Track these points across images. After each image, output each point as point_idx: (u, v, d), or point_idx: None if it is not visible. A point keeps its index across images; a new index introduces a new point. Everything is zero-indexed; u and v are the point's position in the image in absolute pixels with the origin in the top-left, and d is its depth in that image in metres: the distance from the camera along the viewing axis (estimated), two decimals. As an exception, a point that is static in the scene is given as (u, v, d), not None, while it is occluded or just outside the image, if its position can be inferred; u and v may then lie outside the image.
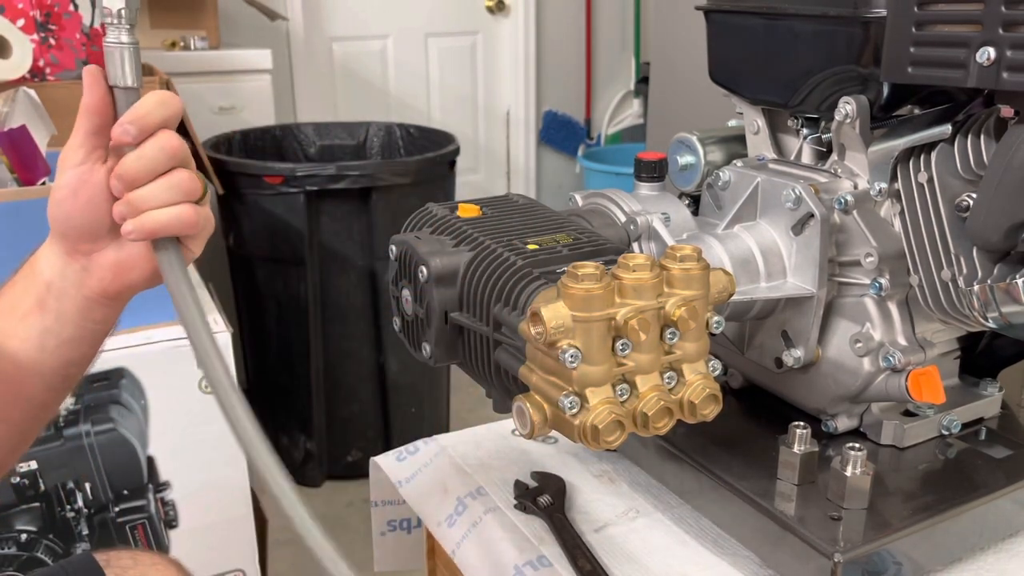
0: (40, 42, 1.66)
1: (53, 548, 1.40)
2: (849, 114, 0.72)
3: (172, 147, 0.62)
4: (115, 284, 0.66)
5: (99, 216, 0.63)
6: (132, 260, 0.65)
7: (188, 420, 1.43)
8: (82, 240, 0.64)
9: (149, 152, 0.61)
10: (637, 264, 0.57)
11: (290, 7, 2.93)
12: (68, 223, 0.63)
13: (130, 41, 0.60)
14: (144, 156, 0.61)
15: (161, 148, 0.61)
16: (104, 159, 0.63)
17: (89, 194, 0.62)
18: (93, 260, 0.65)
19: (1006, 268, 0.67)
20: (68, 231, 0.64)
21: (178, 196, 0.62)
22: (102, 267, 0.65)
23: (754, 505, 0.70)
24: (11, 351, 0.65)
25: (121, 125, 0.60)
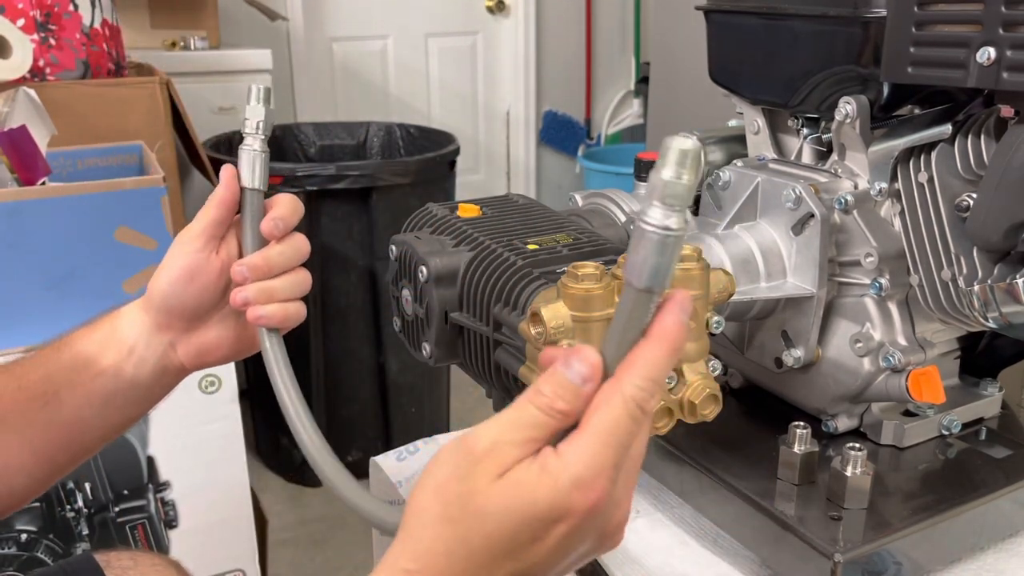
0: (40, 42, 1.66)
1: (53, 548, 1.40)
2: (849, 114, 0.72)
3: (304, 249, 0.68)
4: (195, 361, 0.69)
5: (206, 301, 0.67)
6: (217, 342, 0.69)
7: (188, 420, 1.43)
8: (182, 319, 0.68)
9: (289, 250, 0.67)
10: (637, 264, 0.57)
11: (290, 7, 2.93)
12: (176, 302, 0.67)
13: (262, 150, 0.67)
14: (284, 253, 0.67)
15: (297, 248, 0.68)
16: (217, 249, 0.67)
17: (204, 280, 0.66)
18: (182, 337, 0.68)
19: (1006, 268, 0.67)
20: (172, 309, 0.67)
21: (299, 293, 0.68)
22: (189, 345, 0.69)
23: (754, 505, 0.70)
24: (76, 404, 0.67)
25: (272, 220, 0.66)
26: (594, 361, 0.41)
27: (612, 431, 0.40)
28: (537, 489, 0.39)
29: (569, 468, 0.39)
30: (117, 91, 1.72)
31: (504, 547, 0.40)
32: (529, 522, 0.39)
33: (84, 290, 1.33)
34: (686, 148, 0.37)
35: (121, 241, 1.35)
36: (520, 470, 0.40)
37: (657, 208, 0.38)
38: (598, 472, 0.39)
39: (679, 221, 0.37)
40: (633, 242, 0.39)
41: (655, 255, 0.38)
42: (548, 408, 0.40)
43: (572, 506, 0.39)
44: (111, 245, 1.34)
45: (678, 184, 0.37)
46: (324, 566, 1.96)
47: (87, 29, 1.72)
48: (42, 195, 1.28)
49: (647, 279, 0.39)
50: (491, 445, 0.40)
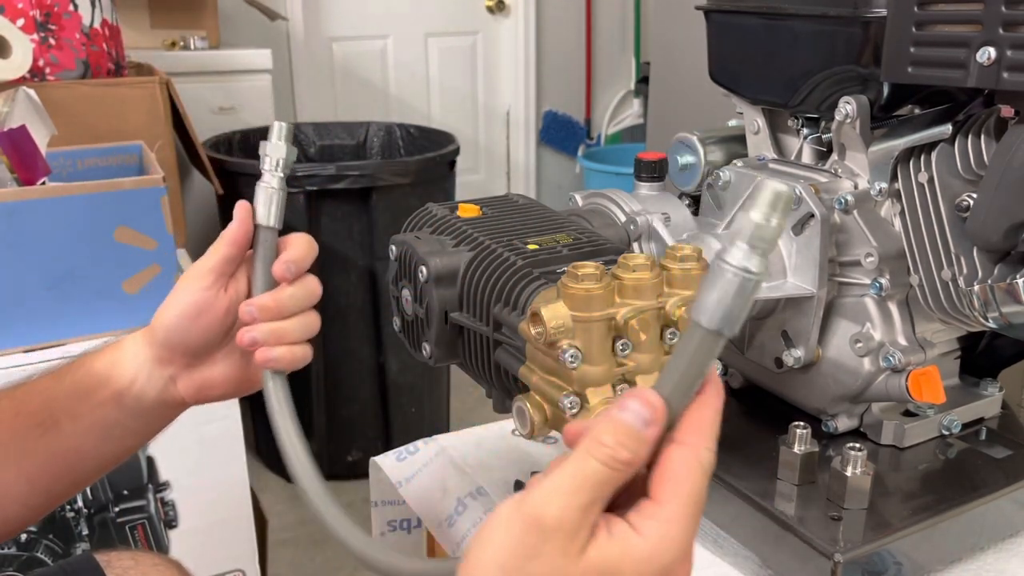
0: (40, 42, 1.66)
1: (53, 548, 1.40)
2: (849, 114, 0.72)
3: (316, 292, 0.68)
4: (196, 396, 0.69)
5: (212, 338, 0.66)
6: (219, 379, 0.69)
7: (188, 420, 1.42)
8: (185, 355, 0.67)
9: (300, 292, 0.66)
10: (637, 264, 0.57)
11: (290, 7, 2.93)
12: (181, 338, 0.66)
13: (280, 188, 0.67)
14: (296, 295, 0.66)
15: (309, 291, 0.67)
16: (227, 287, 0.66)
17: (211, 318, 0.65)
18: (183, 373, 0.68)
19: (1006, 268, 0.67)
20: (176, 345, 0.66)
21: (308, 335, 0.67)
22: (190, 381, 0.68)
23: (754, 505, 0.70)
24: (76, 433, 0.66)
25: (286, 263, 0.65)
26: (656, 402, 0.37)
27: (697, 502, 0.38)
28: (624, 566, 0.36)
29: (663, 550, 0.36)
30: (117, 91, 1.72)
31: None
32: None
33: (84, 290, 1.33)
34: (780, 191, 0.36)
35: (121, 241, 1.35)
36: (601, 550, 0.36)
37: (741, 249, 0.36)
38: (688, 548, 0.37)
39: (761, 265, 0.36)
40: (709, 280, 0.37)
41: (733, 297, 0.36)
42: (612, 460, 0.36)
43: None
44: (111, 245, 1.34)
45: (767, 228, 0.36)
46: (324, 566, 1.96)
47: (87, 29, 1.72)
48: (42, 195, 1.28)
49: (719, 321, 0.37)
50: (560, 515, 0.35)
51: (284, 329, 0.65)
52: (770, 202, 0.35)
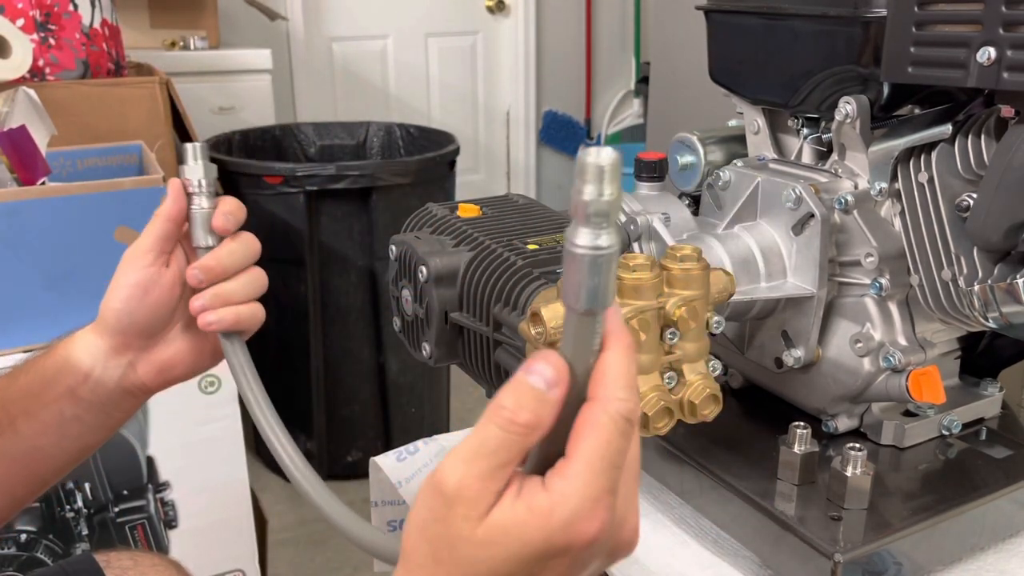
0: (40, 42, 1.66)
1: (53, 548, 1.40)
2: (849, 114, 0.72)
3: (256, 247, 0.69)
4: (157, 379, 0.68)
5: (164, 314, 0.66)
6: (179, 356, 0.68)
7: (188, 420, 1.43)
8: (139, 337, 0.67)
9: (239, 248, 0.67)
10: (637, 264, 0.57)
11: (290, 7, 2.93)
12: (130, 320, 0.65)
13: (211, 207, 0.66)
14: (235, 252, 0.66)
15: (248, 245, 0.68)
16: (167, 263, 0.66)
17: (157, 294, 0.65)
18: (142, 356, 0.67)
19: (1006, 268, 0.67)
20: (128, 328, 0.66)
21: (256, 292, 0.68)
22: (150, 363, 0.68)
23: (754, 505, 0.70)
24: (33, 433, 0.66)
25: (224, 215, 0.66)
26: (558, 363, 0.37)
27: (604, 455, 0.36)
28: (527, 531, 0.36)
29: (561, 505, 0.36)
30: (117, 91, 1.72)
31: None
32: (523, 564, 0.37)
33: (83, 290, 1.33)
34: (602, 164, 0.33)
35: (121, 241, 1.35)
36: (504, 512, 0.36)
37: (585, 230, 0.35)
38: (595, 503, 0.36)
39: (609, 238, 0.35)
40: (565, 266, 0.36)
41: (591, 277, 0.35)
42: (509, 424, 0.36)
43: (571, 542, 0.36)
44: (111, 245, 1.34)
45: (601, 202, 0.34)
46: (324, 566, 1.96)
47: (87, 29, 1.72)
48: (42, 195, 1.28)
49: (586, 302, 0.36)
50: (459, 483, 0.36)
51: (228, 289, 0.66)
52: (595, 177, 0.33)
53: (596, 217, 0.34)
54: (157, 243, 0.65)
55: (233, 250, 0.66)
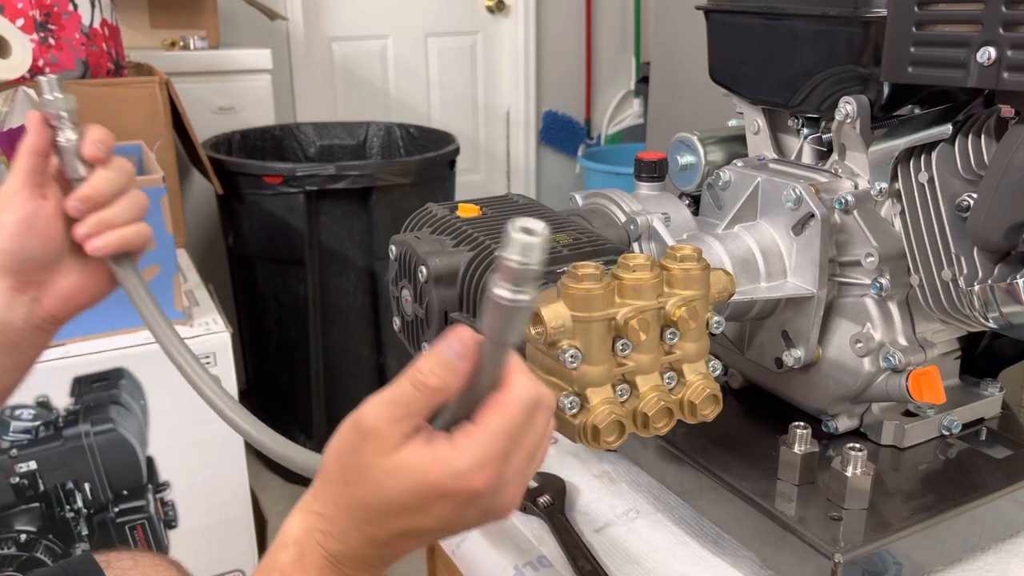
0: (40, 42, 1.66)
1: (53, 548, 1.40)
2: (849, 114, 0.72)
3: (130, 168, 0.69)
4: (66, 308, 0.69)
5: (54, 245, 0.67)
6: (82, 283, 0.70)
7: (188, 420, 1.43)
8: (36, 271, 0.68)
9: (114, 174, 0.67)
10: (637, 264, 0.57)
11: (290, 7, 2.92)
12: (23, 256, 0.66)
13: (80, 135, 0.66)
14: (110, 178, 0.67)
15: (122, 169, 0.68)
16: (45, 196, 0.67)
17: (43, 225, 0.66)
18: (45, 289, 0.68)
19: (1007, 268, 0.67)
20: (23, 265, 0.67)
21: (138, 213, 0.69)
22: (54, 294, 0.69)
23: (754, 505, 0.70)
24: None
25: (94, 143, 0.66)
26: (468, 339, 0.43)
27: (503, 428, 0.44)
28: (427, 471, 0.43)
29: (459, 458, 0.43)
30: (116, 91, 1.72)
31: (394, 510, 0.44)
32: (418, 496, 0.44)
33: (84, 290, 1.33)
34: (530, 243, 0.39)
35: (121, 241, 1.35)
36: (411, 452, 0.44)
37: (507, 288, 0.40)
38: (486, 463, 0.43)
39: (531, 292, 0.40)
40: (488, 306, 0.41)
41: (510, 322, 0.41)
42: (421, 384, 0.43)
43: (458, 490, 0.43)
44: (111, 245, 1.34)
45: (527, 271, 0.39)
46: (324, 566, 1.95)
47: (86, 29, 1.72)
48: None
49: (501, 337, 0.42)
50: (374, 422, 0.44)
51: (110, 215, 0.67)
52: (521, 250, 0.39)
53: (521, 280, 0.40)
54: (27, 177, 0.66)
55: (108, 177, 0.67)
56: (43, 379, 1.34)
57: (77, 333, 1.37)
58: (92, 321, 1.33)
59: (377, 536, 0.46)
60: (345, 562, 0.46)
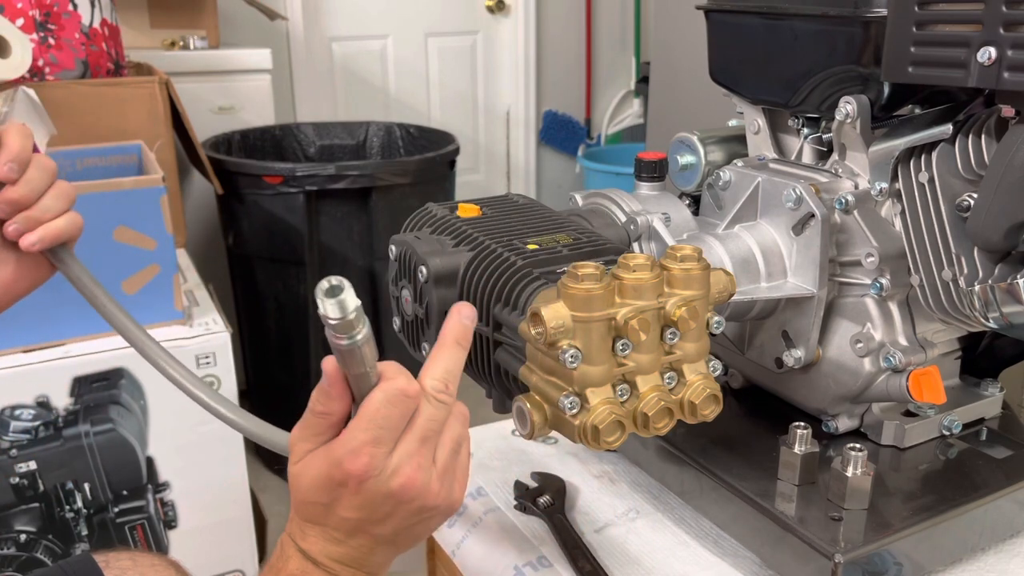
0: (40, 42, 1.66)
1: (52, 548, 1.40)
2: (850, 114, 0.72)
3: (50, 166, 0.70)
4: (4, 298, 0.72)
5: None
6: (17, 273, 0.72)
7: (188, 420, 1.43)
8: None
9: (35, 175, 0.69)
10: (637, 264, 0.57)
11: (290, 7, 2.92)
12: None
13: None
14: (32, 180, 0.68)
15: (43, 169, 0.69)
16: None
17: None
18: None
19: (1007, 268, 0.67)
20: None
21: (66, 204, 0.71)
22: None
23: (754, 505, 0.70)
24: None
25: (7, 164, 0.67)
26: (331, 371, 0.51)
27: (371, 417, 0.50)
28: (319, 466, 0.51)
29: (338, 446, 0.50)
30: (116, 91, 1.72)
31: (316, 508, 0.52)
32: (320, 489, 0.51)
33: (84, 290, 1.33)
34: (337, 301, 0.47)
35: (120, 241, 1.35)
36: (311, 456, 0.52)
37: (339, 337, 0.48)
38: (359, 448, 0.50)
39: (360, 332, 0.48)
40: (336, 354, 0.49)
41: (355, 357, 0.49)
42: (311, 411, 0.52)
43: (346, 474, 0.50)
44: (110, 245, 1.34)
45: (346, 321, 0.47)
46: (324, 566, 1.95)
47: (86, 29, 1.72)
48: (42, 195, 1.28)
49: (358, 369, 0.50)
50: (292, 441, 0.53)
51: (39, 211, 0.69)
52: (334, 308, 0.47)
53: (346, 330, 0.48)
54: None
55: (30, 178, 0.68)
56: (43, 379, 1.34)
57: (77, 333, 1.37)
58: (92, 321, 1.33)
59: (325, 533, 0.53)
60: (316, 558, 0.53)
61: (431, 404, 0.52)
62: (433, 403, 0.53)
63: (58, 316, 1.33)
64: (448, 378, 0.53)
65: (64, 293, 1.33)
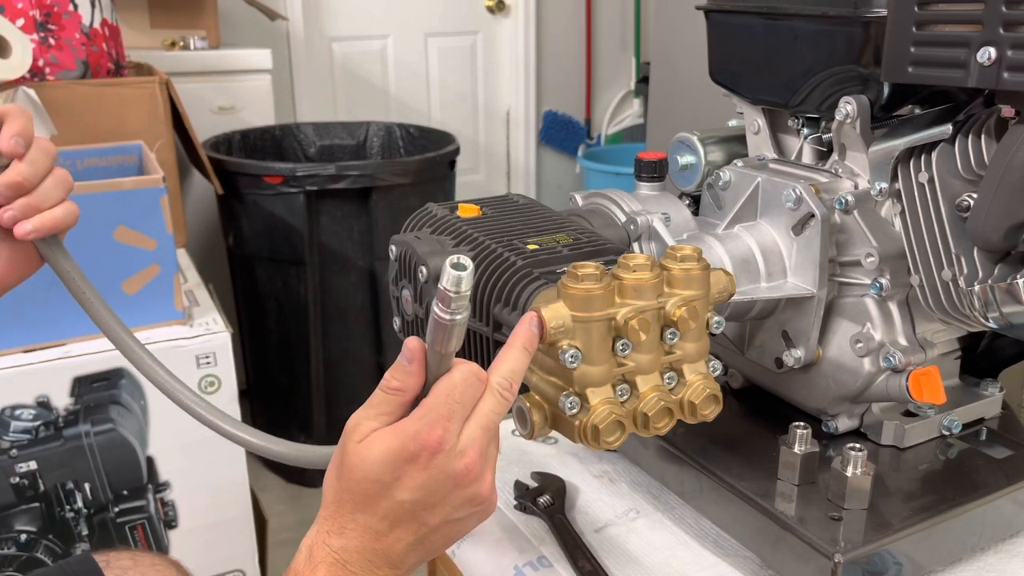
0: (40, 42, 1.66)
1: (53, 548, 1.40)
2: (850, 114, 0.72)
3: (51, 150, 0.68)
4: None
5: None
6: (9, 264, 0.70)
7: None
8: None
9: (39, 157, 0.66)
10: (637, 264, 0.57)
11: (290, 7, 2.92)
12: None
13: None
14: (36, 162, 0.66)
15: (45, 152, 0.67)
16: None
17: None
18: None
19: (1007, 268, 0.67)
20: None
21: (65, 191, 0.69)
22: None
23: (754, 505, 0.70)
24: None
25: (13, 138, 0.65)
26: (415, 347, 0.52)
27: (447, 393, 0.51)
28: (391, 440, 0.50)
29: (412, 422, 0.51)
30: (117, 91, 1.72)
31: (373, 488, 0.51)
32: (387, 464, 0.50)
33: (84, 290, 1.33)
34: (460, 276, 0.48)
35: (120, 241, 1.35)
36: (380, 433, 0.51)
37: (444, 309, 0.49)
38: (436, 421, 0.50)
39: (461, 313, 0.50)
40: (431, 324, 0.50)
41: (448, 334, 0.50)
42: (386, 387, 0.52)
43: (419, 448, 0.50)
44: (111, 245, 1.34)
45: (459, 297, 0.49)
46: (324, 566, 1.95)
47: (87, 29, 1.72)
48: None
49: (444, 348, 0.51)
50: (355, 421, 0.52)
51: (38, 198, 0.67)
52: (454, 281, 0.48)
53: (453, 305, 0.49)
54: None
55: (33, 159, 0.66)
56: (43, 379, 1.34)
57: (77, 333, 1.37)
58: (91, 322, 1.33)
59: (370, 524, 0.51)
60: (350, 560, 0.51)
61: (495, 397, 0.53)
62: (497, 396, 0.53)
63: (58, 316, 1.33)
64: (512, 378, 0.54)
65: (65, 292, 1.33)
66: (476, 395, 0.52)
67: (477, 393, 0.52)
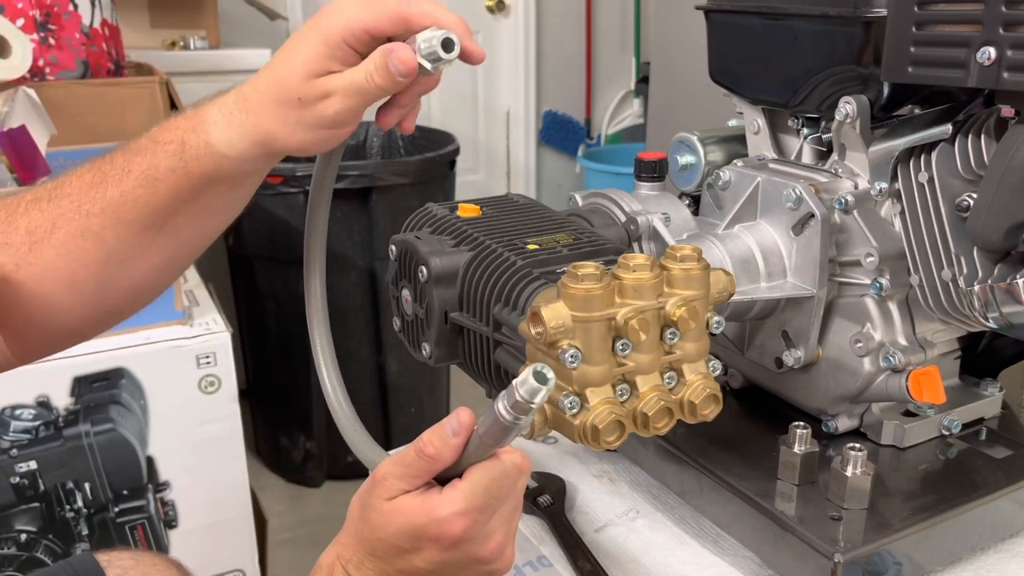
0: (40, 42, 1.66)
1: (53, 548, 1.40)
2: (849, 114, 0.72)
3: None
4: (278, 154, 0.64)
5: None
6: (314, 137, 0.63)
7: (188, 420, 1.43)
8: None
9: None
10: (637, 264, 0.57)
11: (290, 7, 2.92)
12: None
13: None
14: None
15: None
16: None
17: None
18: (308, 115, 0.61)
19: (1006, 268, 0.67)
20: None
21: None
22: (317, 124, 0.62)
23: (754, 505, 0.70)
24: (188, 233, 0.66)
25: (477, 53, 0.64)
26: (466, 421, 0.52)
27: (486, 485, 0.52)
28: (413, 514, 0.52)
29: (442, 505, 0.51)
30: (116, 91, 1.72)
31: (391, 549, 0.53)
32: (408, 537, 0.52)
33: (84, 290, 1.33)
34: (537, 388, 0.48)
35: (121, 241, 1.35)
36: (405, 500, 0.52)
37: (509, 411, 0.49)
38: (466, 512, 0.51)
39: (524, 421, 0.50)
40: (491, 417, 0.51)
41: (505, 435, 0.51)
42: (420, 451, 0.52)
43: (440, 534, 0.51)
44: (111, 245, 1.34)
45: (528, 406, 0.49)
46: (324, 566, 1.95)
47: (87, 29, 1.72)
48: (42, 195, 1.28)
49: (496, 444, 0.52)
50: (382, 475, 0.53)
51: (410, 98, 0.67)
52: (530, 392, 0.48)
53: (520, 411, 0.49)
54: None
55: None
56: (43, 379, 1.34)
57: (77, 333, 1.37)
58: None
59: (384, 570, 0.54)
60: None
61: (526, 477, 0.55)
62: (527, 475, 0.55)
63: (58, 316, 1.33)
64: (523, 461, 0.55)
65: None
66: (514, 485, 0.53)
67: (515, 483, 0.53)
